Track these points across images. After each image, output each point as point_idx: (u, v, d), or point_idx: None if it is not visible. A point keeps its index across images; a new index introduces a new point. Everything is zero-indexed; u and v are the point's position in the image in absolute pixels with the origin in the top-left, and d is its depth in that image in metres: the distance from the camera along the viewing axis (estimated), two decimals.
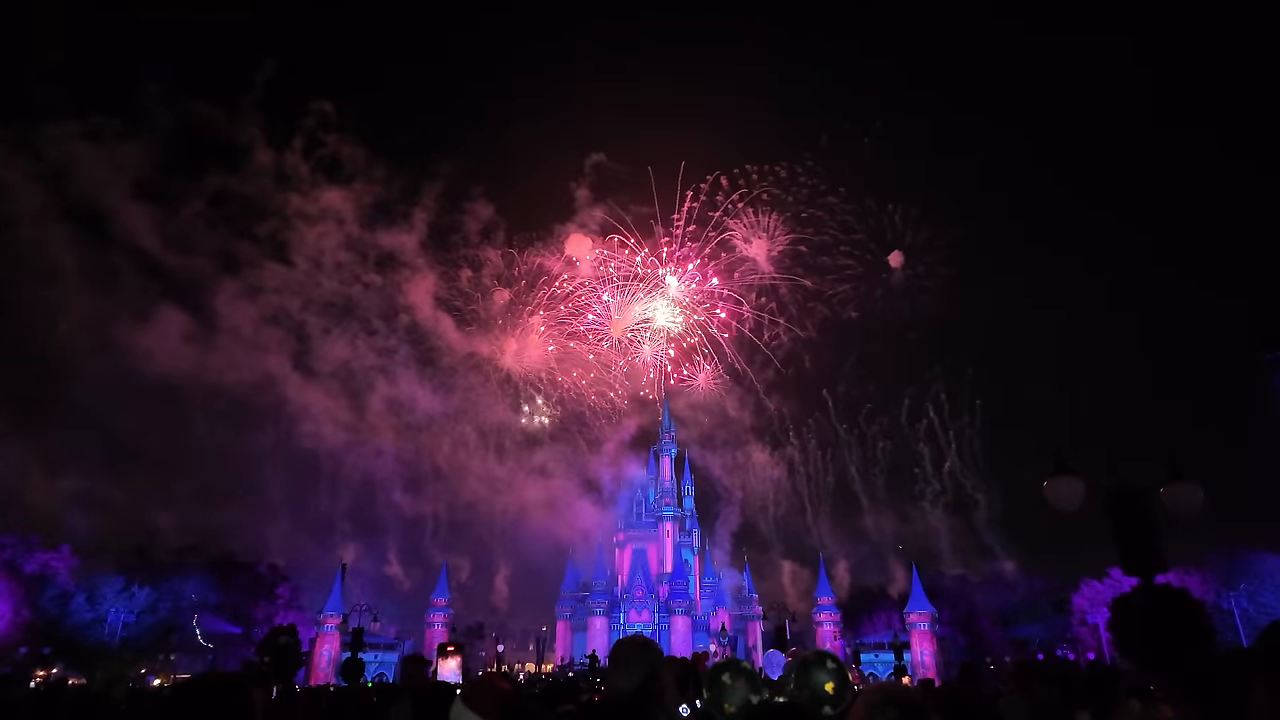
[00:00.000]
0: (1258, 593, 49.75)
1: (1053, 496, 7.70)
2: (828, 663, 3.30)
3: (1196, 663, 2.68)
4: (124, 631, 48.90)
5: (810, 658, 3.37)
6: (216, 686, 2.54)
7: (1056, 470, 7.71)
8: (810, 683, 3.23)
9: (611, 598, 66.60)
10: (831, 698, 3.18)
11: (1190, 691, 2.59)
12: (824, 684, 3.22)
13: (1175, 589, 6.34)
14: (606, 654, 3.85)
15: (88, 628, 47.34)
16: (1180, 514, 7.62)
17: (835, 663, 3.31)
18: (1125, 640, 6.18)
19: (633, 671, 3.23)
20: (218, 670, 30.20)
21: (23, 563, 45.28)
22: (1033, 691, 6.41)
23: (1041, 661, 39.36)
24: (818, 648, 59.13)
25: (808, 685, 3.24)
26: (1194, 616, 5.88)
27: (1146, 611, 6.09)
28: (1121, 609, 6.39)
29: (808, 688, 3.23)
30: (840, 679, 3.24)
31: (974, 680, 7.89)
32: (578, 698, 7.63)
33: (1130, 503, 6.92)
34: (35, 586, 45.43)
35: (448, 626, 57.84)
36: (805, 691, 3.23)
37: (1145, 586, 6.47)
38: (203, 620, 52.31)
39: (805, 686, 3.24)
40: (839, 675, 3.25)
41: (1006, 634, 57.15)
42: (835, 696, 3.19)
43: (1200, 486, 7.87)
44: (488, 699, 3.18)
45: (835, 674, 3.25)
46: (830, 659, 3.34)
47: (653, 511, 73.38)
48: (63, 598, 46.75)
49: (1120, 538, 6.79)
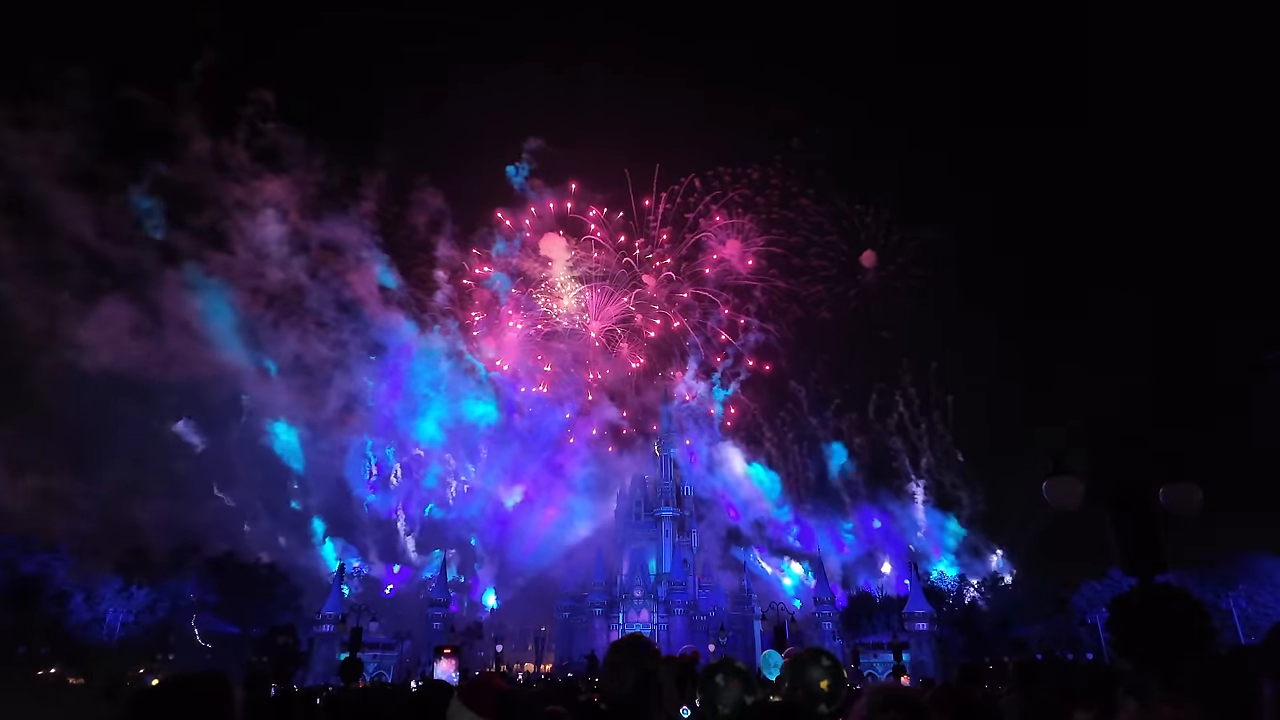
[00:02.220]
0: (1256, 593, 49.85)
1: (1052, 496, 7.69)
2: (822, 660, 3.26)
3: (1197, 663, 2.67)
4: (122, 631, 48.87)
5: (805, 655, 3.33)
6: (195, 685, 2.49)
7: (1056, 470, 7.70)
8: (805, 680, 3.19)
9: (610, 597, 66.58)
10: (826, 695, 3.14)
11: (1192, 692, 2.57)
12: (819, 681, 3.17)
13: (1175, 588, 6.32)
14: (604, 654, 3.78)
15: (86, 628, 47.29)
16: (1180, 514, 7.62)
17: (830, 659, 3.27)
18: (1124, 640, 6.17)
19: (629, 673, 3.21)
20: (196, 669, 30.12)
21: (21, 562, 45.25)
22: (1029, 692, 6.39)
23: (1041, 662, 39.35)
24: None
25: (802, 683, 3.19)
26: (1194, 616, 5.86)
27: (1146, 611, 6.08)
28: (1121, 609, 6.38)
29: (802, 686, 3.19)
30: (835, 676, 3.20)
31: (974, 681, 7.87)
32: (575, 698, 7.60)
33: (1130, 503, 6.91)
34: (34, 586, 45.39)
35: (446, 626, 57.79)
36: (800, 690, 3.18)
37: (1145, 586, 6.46)
38: (201, 620, 52.23)
39: (800, 685, 3.20)
40: (834, 672, 3.21)
41: (1006, 634, 57.16)
42: (830, 694, 3.15)
43: (1199, 486, 7.87)
44: (485, 697, 3.17)
45: (830, 671, 3.21)
46: (825, 656, 3.30)
47: (651, 511, 73.41)
48: (61, 598, 46.69)
49: (1120, 538, 6.78)
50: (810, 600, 66.12)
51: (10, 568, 44.62)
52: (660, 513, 72.42)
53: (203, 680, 2.53)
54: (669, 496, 73.33)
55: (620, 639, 3.39)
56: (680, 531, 73.00)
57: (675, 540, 71.59)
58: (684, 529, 73.98)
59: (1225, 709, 2.42)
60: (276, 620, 52.48)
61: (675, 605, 64.63)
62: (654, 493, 74.47)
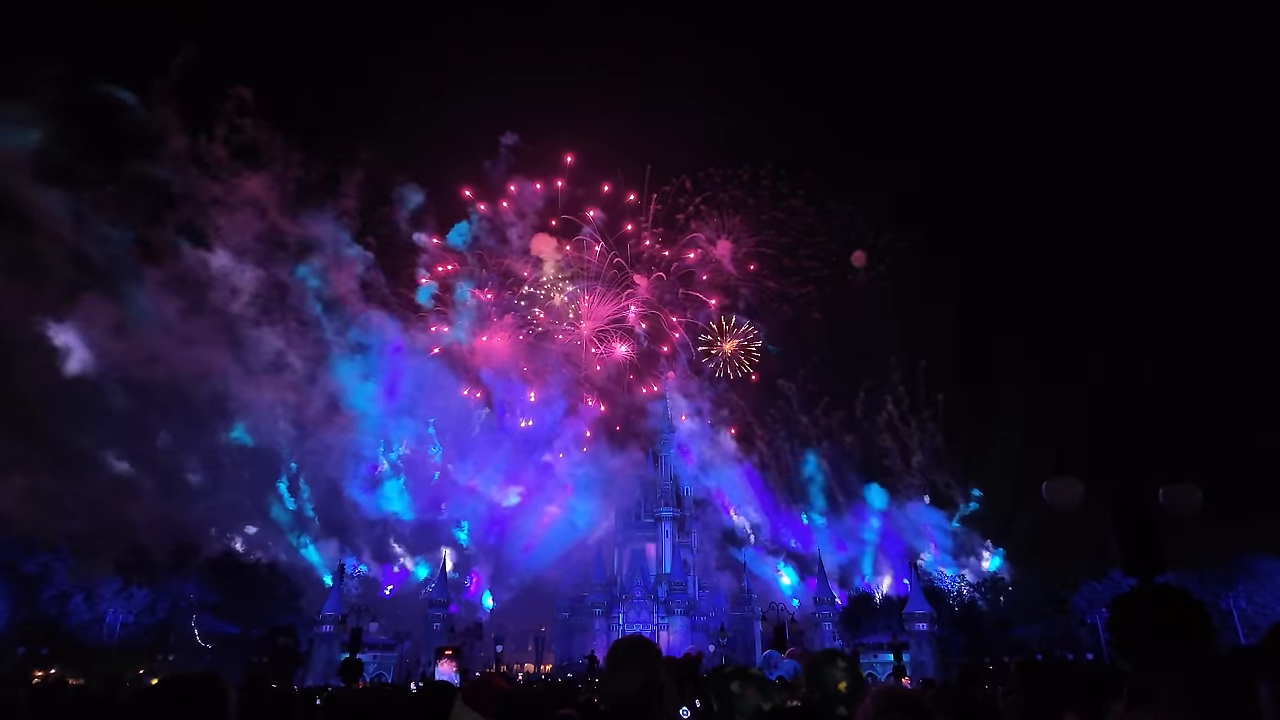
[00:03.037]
0: (1256, 593, 49.87)
1: (1053, 496, 7.70)
2: (838, 661, 3.21)
3: (1197, 663, 2.67)
4: (122, 632, 48.85)
5: (820, 658, 3.28)
6: (190, 687, 2.49)
7: (1056, 470, 7.71)
8: (823, 683, 3.13)
9: (610, 598, 66.58)
10: (845, 697, 3.07)
11: (1192, 692, 2.57)
12: (837, 683, 3.12)
13: (1175, 588, 6.33)
14: (604, 654, 3.75)
15: (86, 628, 47.27)
16: (1179, 514, 7.63)
17: (845, 660, 3.21)
18: (1124, 641, 6.17)
19: (631, 673, 3.21)
20: (197, 669, 30.03)
21: (21, 563, 45.26)
22: (1029, 693, 6.40)
23: (1041, 662, 39.34)
24: (817, 648, 59.03)
25: (820, 686, 3.13)
26: (1194, 616, 5.86)
27: (1146, 611, 6.08)
28: (1120, 609, 6.38)
29: (820, 688, 3.13)
30: (853, 677, 3.14)
31: (974, 681, 7.87)
32: (575, 699, 7.62)
33: (1129, 503, 6.92)
34: (33, 586, 45.39)
35: (446, 627, 57.78)
36: (818, 693, 3.12)
37: (1144, 586, 6.47)
38: (201, 620, 52.20)
39: (818, 687, 3.14)
40: (851, 673, 3.16)
41: (1006, 634, 57.17)
42: (849, 695, 3.08)
43: (1199, 486, 7.88)
44: (487, 697, 3.18)
45: (847, 672, 3.15)
46: (840, 657, 3.24)
47: (651, 511, 73.39)
48: (61, 598, 46.69)
49: (1120, 538, 6.79)
50: (809, 600, 66.12)
51: (10, 568, 44.63)
52: (660, 513, 72.43)
53: (197, 682, 2.54)
54: (668, 496, 73.34)
55: (620, 639, 3.38)
56: (680, 531, 73.01)
57: (675, 540, 71.60)
58: (683, 529, 73.98)
59: (1228, 709, 2.42)
60: (276, 620, 52.49)
61: (675, 606, 64.67)
62: (653, 493, 74.47)
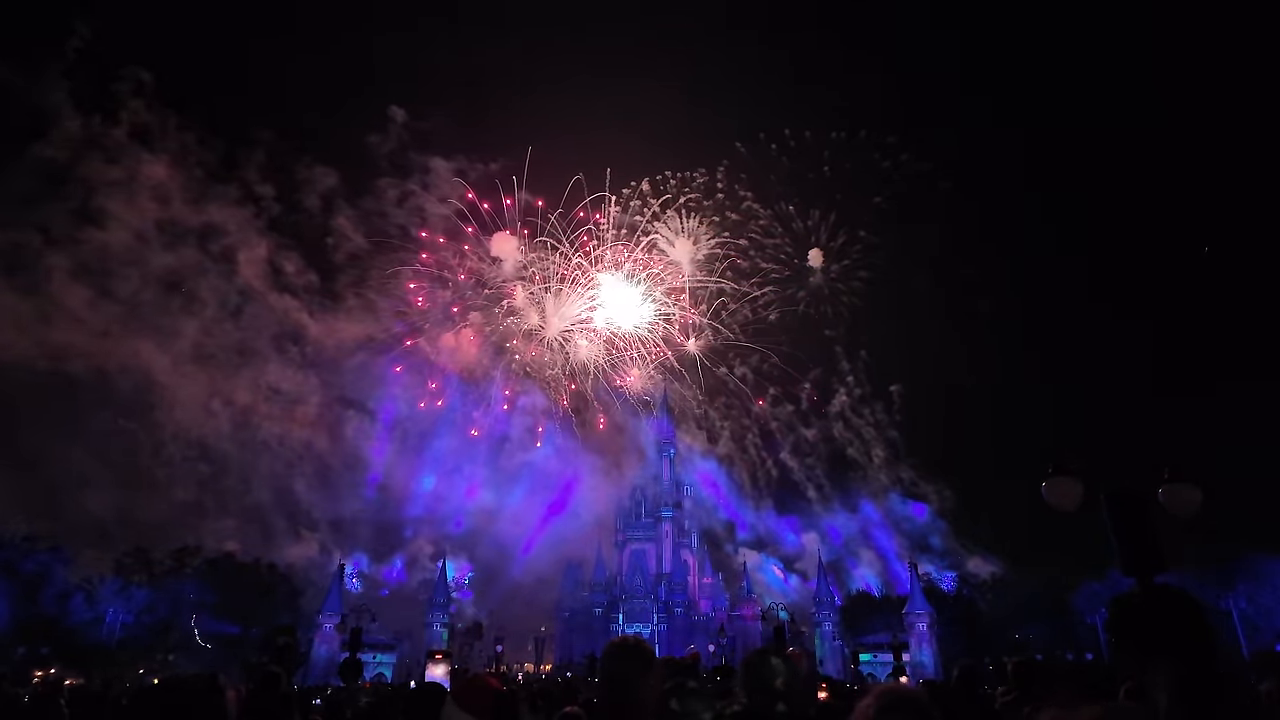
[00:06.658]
0: (1256, 594, 49.77)
1: (1051, 497, 7.67)
2: (771, 659, 3.21)
3: (1197, 663, 2.65)
4: (122, 631, 48.87)
5: (754, 657, 3.27)
6: (189, 688, 2.50)
7: (1055, 470, 7.68)
8: (762, 682, 3.14)
9: (610, 598, 66.62)
10: (784, 693, 3.08)
11: (1191, 692, 2.56)
12: (773, 680, 3.14)
13: (1174, 588, 6.30)
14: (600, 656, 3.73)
15: (86, 628, 47.28)
16: (1179, 514, 7.60)
17: (780, 657, 3.22)
18: (1123, 641, 6.15)
19: (628, 674, 3.19)
20: (197, 669, 29.98)
21: (21, 563, 45.26)
22: (1029, 693, 6.40)
23: (1041, 662, 39.32)
24: (817, 648, 58.69)
25: (760, 685, 3.14)
26: (1194, 617, 5.84)
27: (1145, 612, 6.06)
28: (1119, 608, 6.36)
29: (760, 688, 3.13)
30: (789, 671, 3.14)
31: (974, 681, 7.85)
32: (575, 699, 7.61)
33: (1128, 503, 6.89)
34: (33, 586, 45.39)
35: (446, 627, 57.79)
36: (759, 693, 3.13)
37: (1143, 586, 6.44)
38: (201, 620, 52.22)
39: (757, 687, 3.14)
40: (788, 668, 3.15)
41: (1006, 634, 57.13)
42: (786, 691, 3.09)
43: (1199, 486, 7.85)
44: (479, 698, 3.16)
45: (783, 668, 3.15)
46: (775, 654, 3.24)
47: (651, 512, 73.43)
48: (61, 597, 46.70)
49: (1118, 538, 6.76)
50: (809, 600, 66.13)
51: (10, 568, 44.63)
52: (660, 513, 72.48)
53: (195, 682, 2.54)
54: (668, 497, 73.36)
55: (615, 640, 3.36)
56: (680, 532, 73.04)
57: (675, 540, 71.63)
58: (683, 529, 74.01)
59: (1229, 709, 2.40)
60: (276, 620, 52.48)
61: (675, 605, 64.69)
62: (653, 493, 74.51)
